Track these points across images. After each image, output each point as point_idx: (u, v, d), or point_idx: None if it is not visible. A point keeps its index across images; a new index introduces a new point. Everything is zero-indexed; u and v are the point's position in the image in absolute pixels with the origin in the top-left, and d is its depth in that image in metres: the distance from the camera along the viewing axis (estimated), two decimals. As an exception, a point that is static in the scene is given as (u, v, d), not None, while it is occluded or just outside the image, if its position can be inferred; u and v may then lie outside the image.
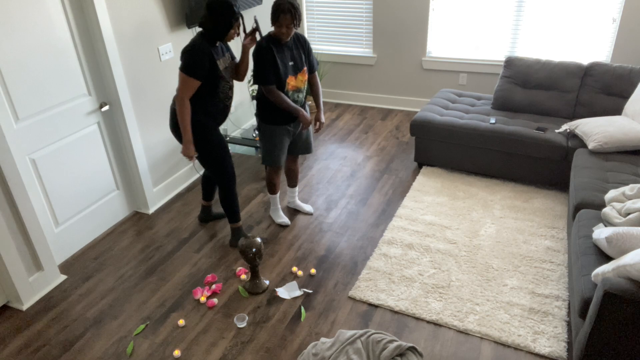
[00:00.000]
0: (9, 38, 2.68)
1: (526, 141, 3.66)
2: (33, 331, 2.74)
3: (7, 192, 2.70)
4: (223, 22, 2.71)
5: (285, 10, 2.80)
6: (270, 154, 3.23)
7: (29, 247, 2.89)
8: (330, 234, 3.46)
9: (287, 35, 2.90)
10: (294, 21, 2.85)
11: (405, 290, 2.89)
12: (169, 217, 3.73)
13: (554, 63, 4.01)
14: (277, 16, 2.85)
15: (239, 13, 2.76)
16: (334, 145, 4.76)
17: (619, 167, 3.22)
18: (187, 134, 2.84)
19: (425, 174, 4.12)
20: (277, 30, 2.90)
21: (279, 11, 2.83)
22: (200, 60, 2.71)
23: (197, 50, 2.71)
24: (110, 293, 3.00)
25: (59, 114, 3.06)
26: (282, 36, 2.91)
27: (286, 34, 2.90)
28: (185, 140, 2.85)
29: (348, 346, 2.09)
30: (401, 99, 5.51)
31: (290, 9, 2.81)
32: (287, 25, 2.86)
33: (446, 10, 4.90)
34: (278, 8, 2.83)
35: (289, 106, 3.03)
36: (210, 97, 2.87)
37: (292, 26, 2.87)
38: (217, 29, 2.74)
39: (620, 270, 2.07)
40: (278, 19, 2.85)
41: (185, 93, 2.75)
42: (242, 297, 2.93)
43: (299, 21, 2.89)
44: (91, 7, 3.05)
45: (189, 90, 2.75)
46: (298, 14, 2.85)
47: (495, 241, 3.27)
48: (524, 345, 2.50)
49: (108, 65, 3.24)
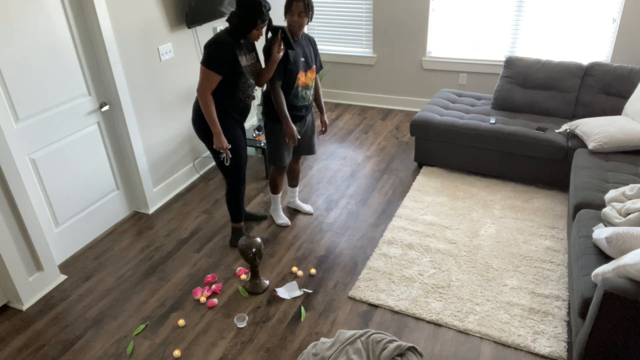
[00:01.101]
0: (9, 38, 2.68)
1: (526, 141, 3.66)
2: (33, 331, 2.74)
3: (7, 192, 2.70)
4: (249, 19, 2.71)
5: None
6: (277, 153, 3.24)
7: (29, 247, 2.89)
8: (330, 234, 3.46)
9: (299, 25, 2.92)
10: (306, 10, 2.87)
11: (405, 290, 2.89)
12: (169, 217, 3.73)
13: (554, 63, 4.01)
14: (290, 4, 2.88)
15: (267, 14, 2.76)
16: (334, 145, 4.76)
17: (619, 167, 3.22)
18: (216, 127, 2.82)
19: (425, 174, 4.12)
20: (289, 19, 2.93)
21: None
22: (223, 54, 2.70)
23: (220, 44, 2.70)
24: (110, 293, 3.00)
25: (59, 114, 3.06)
26: (294, 25, 2.92)
27: (298, 23, 2.91)
28: (215, 132, 2.84)
29: (348, 346, 2.09)
30: (401, 99, 5.51)
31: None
32: (299, 14, 2.87)
33: (446, 10, 4.90)
34: None
35: (283, 110, 3.03)
36: (230, 94, 2.85)
37: (305, 14, 2.89)
38: (242, 25, 2.74)
39: (620, 270, 2.07)
40: (291, 6, 2.88)
41: (207, 87, 2.74)
42: (242, 297, 2.93)
43: (312, 12, 2.91)
44: (91, 7, 3.05)
45: (210, 84, 2.74)
46: (311, 4, 2.89)
47: (495, 241, 3.27)
48: (524, 345, 2.50)
49: (108, 65, 3.24)
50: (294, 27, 2.93)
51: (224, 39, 2.72)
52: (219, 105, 2.87)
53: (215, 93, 2.82)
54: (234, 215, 3.27)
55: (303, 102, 3.13)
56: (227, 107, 2.89)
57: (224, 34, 2.75)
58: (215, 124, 2.82)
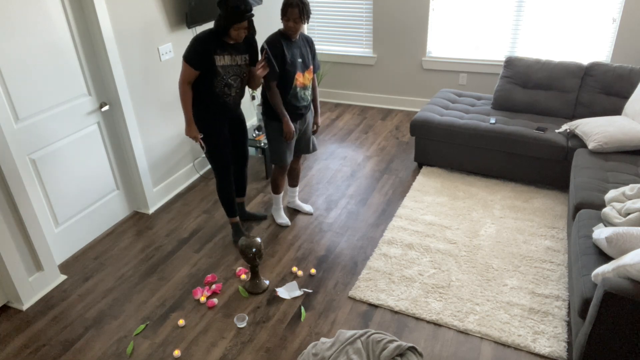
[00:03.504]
0: (9, 38, 2.68)
1: (526, 141, 3.66)
2: (33, 331, 2.74)
3: (7, 192, 2.70)
4: (225, 19, 2.75)
5: (294, 4, 2.85)
6: (278, 153, 3.24)
7: (29, 247, 2.89)
8: (330, 234, 3.46)
9: (295, 29, 2.93)
10: (302, 16, 2.88)
11: (405, 290, 2.89)
12: (169, 217, 3.73)
13: (554, 63, 4.01)
14: (285, 10, 2.90)
15: (244, 15, 2.75)
16: (334, 145, 4.76)
17: (619, 167, 3.22)
18: (187, 115, 2.95)
19: (425, 174, 4.12)
20: (285, 24, 2.94)
21: (287, 5, 2.88)
22: (199, 50, 2.80)
23: (198, 40, 2.81)
24: (110, 293, 3.00)
25: (59, 114, 3.06)
26: (290, 30, 2.93)
27: (294, 29, 2.93)
28: (186, 120, 2.98)
29: (348, 346, 2.09)
30: (401, 99, 5.51)
31: (298, 3, 2.85)
32: (294, 20, 2.89)
33: (446, 10, 4.90)
34: (287, 2, 2.88)
35: (280, 108, 3.06)
36: (207, 89, 2.94)
37: (300, 20, 2.90)
38: (220, 25, 2.80)
39: (620, 270, 2.07)
40: (286, 13, 2.90)
41: (184, 78, 2.88)
42: (242, 297, 2.93)
43: (308, 16, 2.92)
44: (91, 7, 3.05)
45: (187, 76, 2.87)
46: (307, 9, 2.89)
47: (495, 241, 3.27)
48: (524, 345, 2.50)
49: (108, 65, 3.24)
50: (289, 31, 2.95)
51: (203, 36, 2.82)
52: (198, 97, 2.97)
53: (194, 85, 2.93)
54: (225, 209, 3.35)
55: (302, 102, 3.14)
56: (206, 100, 2.98)
57: (207, 32, 2.84)
58: (187, 113, 2.95)
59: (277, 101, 3.04)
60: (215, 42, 2.82)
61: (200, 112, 2.99)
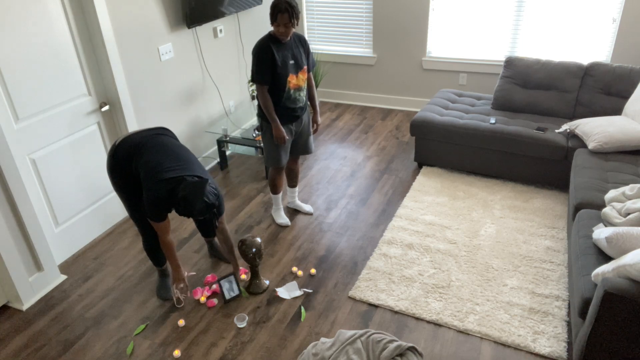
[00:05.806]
0: (9, 38, 2.68)
1: (526, 141, 3.66)
2: (33, 331, 2.74)
3: (7, 192, 2.70)
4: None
5: (283, 9, 2.83)
6: (273, 154, 3.24)
7: (29, 247, 2.89)
8: (330, 234, 3.46)
9: (285, 34, 2.92)
10: (292, 20, 2.87)
11: (405, 290, 2.89)
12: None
13: (554, 63, 4.01)
14: (275, 16, 2.88)
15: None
16: (334, 145, 4.76)
17: (619, 167, 3.22)
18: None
19: (425, 174, 4.12)
20: (276, 29, 2.93)
21: (276, 10, 2.86)
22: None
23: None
24: (110, 293, 3.00)
25: (59, 114, 3.06)
26: (281, 35, 2.93)
27: (285, 33, 2.92)
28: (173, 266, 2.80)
29: (348, 346, 2.09)
30: (401, 99, 5.51)
31: (287, 8, 2.83)
32: (285, 24, 2.88)
33: (446, 11, 4.90)
34: (276, 7, 2.86)
35: (271, 113, 3.06)
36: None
37: (290, 25, 2.89)
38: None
39: (620, 270, 2.07)
40: (276, 18, 2.88)
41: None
42: (242, 297, 2.93)
43: (297, 20, 2.91)
44: (91, 7, 3.05)
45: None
46: (296, 13, 2.87)
47: (495, 241, 3.27)
48: (524, 345, 2.50)
49: (108, 65, 3.24)
50: (281, 36, 2.94)
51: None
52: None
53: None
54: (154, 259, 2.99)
55: (297, 103, 3.14)
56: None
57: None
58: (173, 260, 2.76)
59: (268, 105, 3.04)
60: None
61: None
